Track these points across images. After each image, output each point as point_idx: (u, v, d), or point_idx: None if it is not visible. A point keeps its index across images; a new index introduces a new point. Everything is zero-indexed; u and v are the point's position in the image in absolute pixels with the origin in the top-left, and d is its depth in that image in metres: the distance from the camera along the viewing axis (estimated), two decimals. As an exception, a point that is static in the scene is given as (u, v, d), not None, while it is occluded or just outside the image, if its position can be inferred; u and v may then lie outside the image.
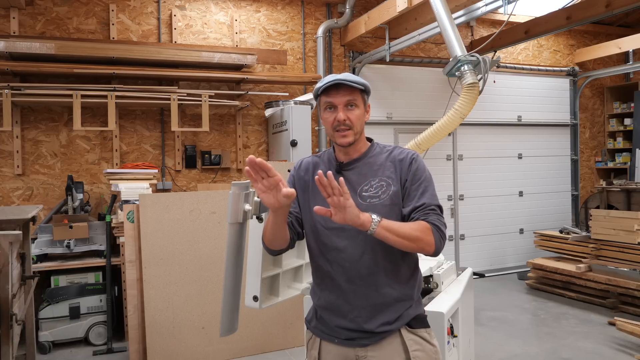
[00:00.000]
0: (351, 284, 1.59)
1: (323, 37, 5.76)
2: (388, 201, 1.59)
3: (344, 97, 1.60)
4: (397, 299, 1.61)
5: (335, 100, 1.60)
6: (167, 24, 5.30)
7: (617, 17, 7.21)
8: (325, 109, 1.64)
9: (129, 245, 3.85)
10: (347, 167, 1.66)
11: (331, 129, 1.63)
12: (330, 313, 1.64)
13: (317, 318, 1.70)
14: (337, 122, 1.60)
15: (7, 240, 2.17)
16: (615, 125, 7.43)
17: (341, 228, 1.58)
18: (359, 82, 1.61)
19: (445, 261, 2.72)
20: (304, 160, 1.76)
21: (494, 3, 4.64)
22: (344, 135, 1.61)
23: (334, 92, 1.60)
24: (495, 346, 4.13)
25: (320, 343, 1.67)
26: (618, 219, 5.04)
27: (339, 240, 1.59)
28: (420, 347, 1.61)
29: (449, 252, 6.44)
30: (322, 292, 1.66)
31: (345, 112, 1.60)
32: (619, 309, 4.90)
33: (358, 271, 1.58)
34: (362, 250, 1.58)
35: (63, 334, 4.20)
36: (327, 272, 1.63)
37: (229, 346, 3.95)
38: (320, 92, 1.63)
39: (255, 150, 5.64)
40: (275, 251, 1.66)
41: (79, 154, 5.00)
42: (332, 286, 1.62)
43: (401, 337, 1.61)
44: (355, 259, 1.58)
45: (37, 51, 4.45)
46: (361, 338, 1.60)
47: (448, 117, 4.30)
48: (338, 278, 1.60)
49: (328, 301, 1.64)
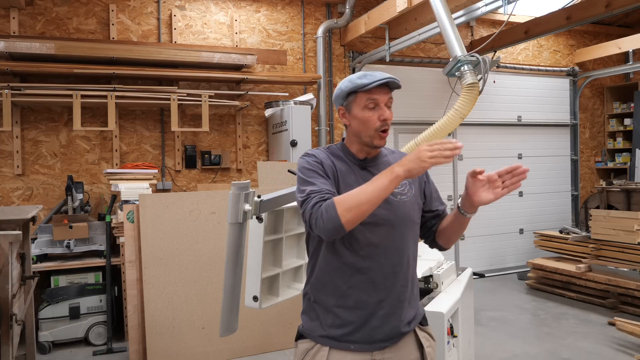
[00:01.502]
0: (386, 279, 1.56)
1: (323, 37, 5.76)
2: (413, 199, 1.64)
3: (386, 95, 1.57)
4: (417, 294, 1.70)
5: (381, 99, 1.56)
6: (167, 24, 5.30)
7: (617, 17, 7.21)
8: (366, 107, 1.56)
9: (129, 245, 3.85)
10: (369, 163, 1.64)
11: (373, 130, 1.57)
12: (357, 313, 1.55)
13: (330, 324, 1.58)
14: (383, 122, 1.56)
15: (7, 240, 2.17)
16: (615, 125, 7.43)
17: (374, 223, 1.54)
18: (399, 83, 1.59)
19: (445, 261, 2.72)
20: (316, 151, 1.65)
21: (494, 3, 4.63)
22: (385, 135, 1.58)
23: (378, 90, 1.55)
24: (495, 346, 4.13)
25: (328, 353, 1.56)
26: (618, 219, 5.04)
27: (373, 236, 1.55)
28: (429, 344, 1.68)
29: (449, 252, 6.44)
30: (347, 292, 1.56)
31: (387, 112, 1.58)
32: (619, 309, 4.90)
33: (393, 267, 1.57)
34: (398, 245, 1.57)
35: (63, 334, 4.20)
36: (359, 269, 1.55)
37: (229, 346, 3.95)
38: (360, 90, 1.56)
39: (255, 150, 5.64)
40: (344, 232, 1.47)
41: (79, 154, 5.00)
42: (364, 284, 1.55)
43: (416, 335, 1.65)
44: (391, 254, 1.56)
45: (37, 51, 4.45)
46: (382, 340, 1.57)
47: (448, 117, 4.29)
48: (372, 275, 1.55)
49: (357, 300, 1.55)
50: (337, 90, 1.63)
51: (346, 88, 1.58)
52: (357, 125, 1.59)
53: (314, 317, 1.62)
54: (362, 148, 1.63)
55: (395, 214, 1.57)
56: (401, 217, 1.59)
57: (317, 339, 1.59)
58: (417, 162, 1.36)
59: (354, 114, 1.59)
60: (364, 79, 1.55)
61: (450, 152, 1.35)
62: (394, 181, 1.39)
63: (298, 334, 1.67)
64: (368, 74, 1.56)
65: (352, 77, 1.59)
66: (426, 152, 1.36)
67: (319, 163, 1.58)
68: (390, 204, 1.57)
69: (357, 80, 1.56)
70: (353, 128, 1.61)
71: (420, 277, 2.40)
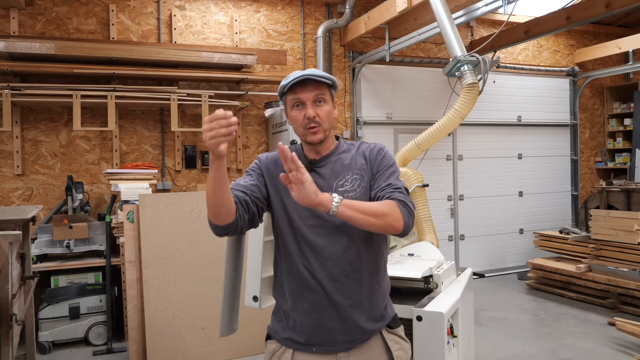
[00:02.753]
0: (335, 282, 1.52)
1: (323, 37, 5.76)
2: (364, 193, 1.57)
3: (311, 92, 1.54)
4: (382, 295, 1.63)
5: (303, 97, 1.54)
6: (167, 24, 5.30)
7: (617, 17, 7.21)
8: (293, 106, 1.57)
9: (129, 246, 3.85)
10: (319, 164, 1.62)
11: (301, 128, 1.56)
12: (312, 316, 1.54)
13: (290, 327, 1.58)
14: (308, 120, 1.54)
15: (7, 241, 2.17)
16: (615, 125, 7.43)
17: (319, 225, 1.53)
18: (326, 77, 1.56)
19: (445, 261, 2.72)
20: (269, 155, 1.68)
21: (494, 3, 4.64)
22: (314, 132, 1.55)
23: (301, 89, 1.54)
24: (495, 346, 4.13)
25: (292, 355, 1.57)
26: (618, 219, 5.04)
27: (318, 238, 1.53)
28: (400, 346, 1.64)
29: (449, 252, 6.44)
30: (301, 295, 1.55)
31: (314, 109, 1.55)
32: (618, 309, 4.90)
33: (342, 268, 1.53)
34: (344, 246, 1.53)
35: (63, 334, 4.20)
36: (307, 272, 1.54)
37: (229, 346, 3.95)
38: (286, 90, 1.56)
39: (255, 150, 5.64)
40: (221, 227, 1.47)
41: (78, 154, 5.00)
42: (313, 287, 1.53)
43: (383, 338, 1.61)
44: (338, 255, 1.53)
45: (37, 51, 4.45)
46: (345, 342, 1.54)
47: (448, 117, 4.30)
48: (320, 277, 1.52)
49: (311, 303, 1.54)
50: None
51: (279, 92, 1.62)
52: (292, 125, 1.62)
53: (279, 319, 1.64)
54: (309, 147, 1.63)
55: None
56: None
57: (282, 341, 1.60)
58: (207, 143, 1.29)
59: (287, 114, 1.62)
60: (285, 81, 1.57)
61: (226, 127, 1.25)
62: (212, 166, 1.36)
63: (267, 334, 1.68)
64: (292, 74, 1.56)
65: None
66: (206, 134, 1.27)
67: (257, 165, 1.66)
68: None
69: (283, 82, 1.58)
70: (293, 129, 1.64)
71: (420, 277, 2.40)
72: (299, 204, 1.35)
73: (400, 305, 2.14)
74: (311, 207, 1.36)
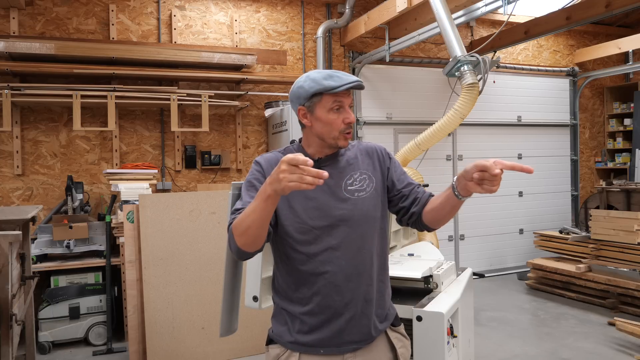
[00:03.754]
0: (349, 281, 1.52)
1: (323, 37, 5.76)
2: (374, 193, 1.60)
3: (349, 98, 1.55)
4: (388, 294, 1.66)
5: (345, 101, 1.53)
6: (167, 24, 5.30)
7: (617, 17, 7.21)
8: (331, 109, 1.52)
9: (129, 246, 3.85)
10: (324, 163, 1.60)
11: (336, 131, 1.54)
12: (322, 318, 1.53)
13: (297, 330, 1.56)
14: (347, 125, 1.54)
15: (7, 241, 2.17)
16: (615, 125, 7.43)
17: (331, 225, 1.52)
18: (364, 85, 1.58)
19: (445, 261, 2.72)
20: (268, 157, 1.62)
21: (494, 3, 4.64)
22: (349, 137, 1.57)
23: (344, 92, 1.52)
24: (495, 346, 4.13)
25: (299, 358, 1.55)
26: (618, 219, 5.04)
27: (331, 239, 1.52)
28: (402, 344, 1.67)
29: (449, 252, 6.44)
30: (313, 298, 1.53)
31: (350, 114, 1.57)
32: (618, 309, 4.90)
33: (356, 267, 1.53)
34: (358, 246, 1.54)
35: (63, 334, 4.20)
36: (320, 274, 1.52)
37: (229, 346, 3.95)
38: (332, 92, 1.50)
39: (255, 150, 5.64)
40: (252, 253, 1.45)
41: (78, 154, 5.00)
42: (327, 288, 1.52)
43: (387, 337, 1.64)
44: (352, 255, 1.53)
45: (37, 51, 4.45)
46: (353, 342, 1.54)
47: (448, 117, 4.30)
48: (334, 278, 1.51)
49: (321, 304, 1.52)
50: (299, 90, 1.54)
51: (311, 89, 1.51)
52: (321, 128, 1.55)
53: (282, 322, 1.60)
54: (321, 150, 1.60)
55: (352, 212, 1.55)
56: (360, 215, 1.55)
57: (287, 344, 1.57)
58: (279, 184, 1.22)
59: (318, 115, 1.53)
60: (330, 81, 1.49)
61: (311, 179, 1.19)
62: (268, 201, 1.28)
63: (268, 338, 1.64)
64: (334, 75, 1.51)
65: (316, 76, 1.52)
66: (287, 175, 1.20)
67: (260, 173, 1.57)
68: (347, 202, 1.55)
69: (324, 81, 1.50)
70: (315, 130, 1.56)
71: (420, 277, 2.40)
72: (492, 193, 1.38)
73: (400, 305, 2.14)
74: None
